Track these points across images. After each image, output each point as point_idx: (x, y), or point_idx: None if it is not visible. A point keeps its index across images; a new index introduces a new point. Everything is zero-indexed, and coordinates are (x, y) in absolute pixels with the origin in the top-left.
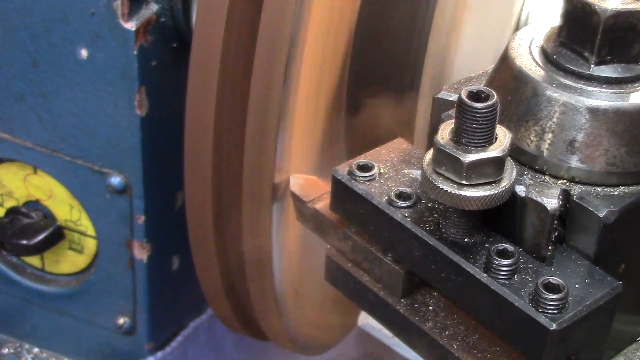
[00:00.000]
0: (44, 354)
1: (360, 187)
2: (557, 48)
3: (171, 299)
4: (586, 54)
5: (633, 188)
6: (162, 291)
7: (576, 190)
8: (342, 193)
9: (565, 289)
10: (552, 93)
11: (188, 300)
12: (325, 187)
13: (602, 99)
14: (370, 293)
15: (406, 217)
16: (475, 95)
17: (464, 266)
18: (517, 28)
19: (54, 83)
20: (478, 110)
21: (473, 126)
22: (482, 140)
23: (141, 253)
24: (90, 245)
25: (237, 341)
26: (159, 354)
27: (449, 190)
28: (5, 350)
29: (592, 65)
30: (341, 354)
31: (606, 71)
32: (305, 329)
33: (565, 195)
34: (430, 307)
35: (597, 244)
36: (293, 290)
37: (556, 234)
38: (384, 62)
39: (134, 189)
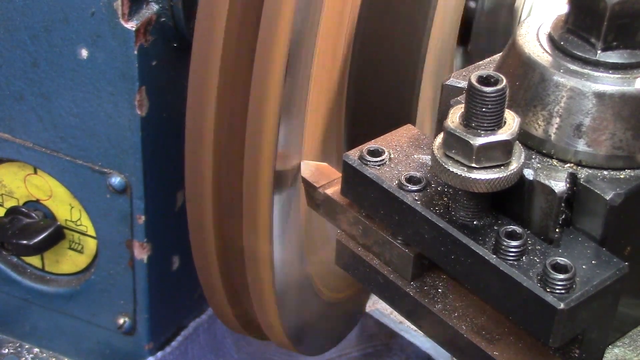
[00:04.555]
0: (44, 354)
1: (370, 172)
2: (564, 35)
3: (171, 299)
4: (593, 40)
5: (639, 171)
6: (162, 291)
7: (583, 173)
8: (353, 178)
9: (573, 270)
10: (560, 78)
11: (188, 300)
12: (336, 173)
13: (609, 84)
14: (380, 276)
15: (416, 200)
16: (485, 80)
17: (473, 248)
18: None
19: (54, 83)
20: (488, 94)
21: (482, 110)
22: (492, 124)
23: (141, 253)
24: (91, 245)
25: (237, 341)
26: (159, 354)
27: (458, 173)
28: (5, 350)
29: (599, 51)
30: (342, 353)
31: (612, 57)
32: (305, 329)
33: (573, 178)
34: (439, 290)
35: (603, 226)
36: (293, 289)
37: (563, 216)
38: (385, 58)
39: (134, 189)
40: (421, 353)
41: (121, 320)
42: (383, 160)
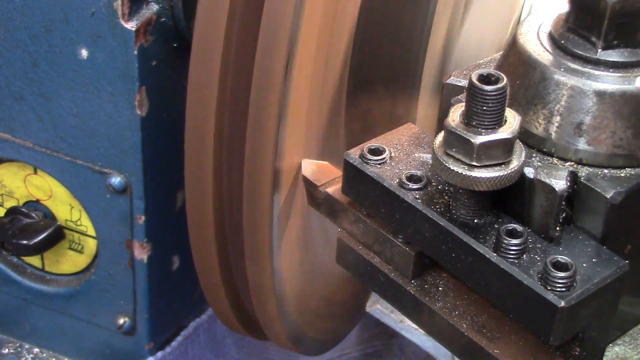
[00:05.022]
0: (44, 354)
1: (371, 170)
2: (565, 33)
3: (171, 299)
4: (593, 39)
5: (639, 170)
6: (162, 291)
7: (583, 172)
8: (354, 176)
9: (573, 268)
10: (560, 77)
11: (188, 300)
12: (337, 172)
13: (609, 82)
14: (381, 274)
15: (417, 199)
16: (486, 79)
17: (474, 246)
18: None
19: (54, 83)
20: (488, 93)
21: (483, 108)
22: (492, 123)
23: (141, 253)
24: (91, 245)
25: (237, 341)
26: (159, 354)
27: (459, 171)
28: (5, 350)
29: (599, 50)
30: (342, 354)
31: (613, 56)
32: (305, 329)
33: (573, 176)
34: (440, 288)
35: (603, 224)
36: (294, 289)
37: (564, 214)
38: (385, 58)
39: (134, 189)
40: (421, 353)
41: (121, 320)
42: (384, 158)
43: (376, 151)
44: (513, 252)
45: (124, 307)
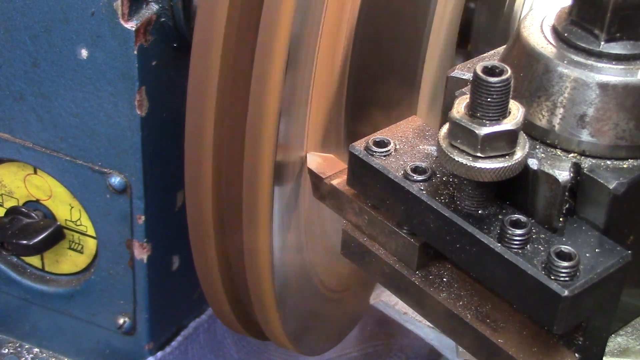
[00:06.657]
0: (44, 354)
1: (376, 162)
2: (568, 26)
3: (171, 299)
4: (596, 31)
5: None
6: (162, 291)
7: (586, 163)
8: (359, 168)
9: (577, 257)
10: (564, 69)
11: (188, 300)
12: (342, 164)
13: (612, 74)
14: (385, 266)
15: (422, 190)
16: (490, 71)
17: (478, 236)
18: None
19: (54, 83)
20: (493, 85)
21: (488, 100)
22: (497, 114)
23: (141, 253)
24: (91, 245)
25: (237, 341)
26: (159, 354)
27: (464, 162)
28: (5, 350)
29: (602, 43)
30: (342, 353)
31: (616, 48)
32: (305, 328)
33: (576, 168)
34: (444, 279)
35: (606, 215)
36: (293, 288)
37: (567, 205)
38: (386, 56)
39: (134, 189)
40: (421, 353)
41: (121, 320)
42: (389, 150)
43: (381, 143)
44: (517, 242)
45: (124, 307)
